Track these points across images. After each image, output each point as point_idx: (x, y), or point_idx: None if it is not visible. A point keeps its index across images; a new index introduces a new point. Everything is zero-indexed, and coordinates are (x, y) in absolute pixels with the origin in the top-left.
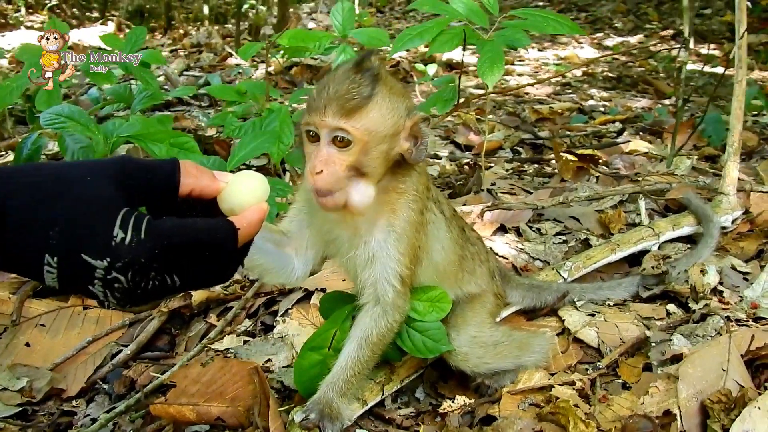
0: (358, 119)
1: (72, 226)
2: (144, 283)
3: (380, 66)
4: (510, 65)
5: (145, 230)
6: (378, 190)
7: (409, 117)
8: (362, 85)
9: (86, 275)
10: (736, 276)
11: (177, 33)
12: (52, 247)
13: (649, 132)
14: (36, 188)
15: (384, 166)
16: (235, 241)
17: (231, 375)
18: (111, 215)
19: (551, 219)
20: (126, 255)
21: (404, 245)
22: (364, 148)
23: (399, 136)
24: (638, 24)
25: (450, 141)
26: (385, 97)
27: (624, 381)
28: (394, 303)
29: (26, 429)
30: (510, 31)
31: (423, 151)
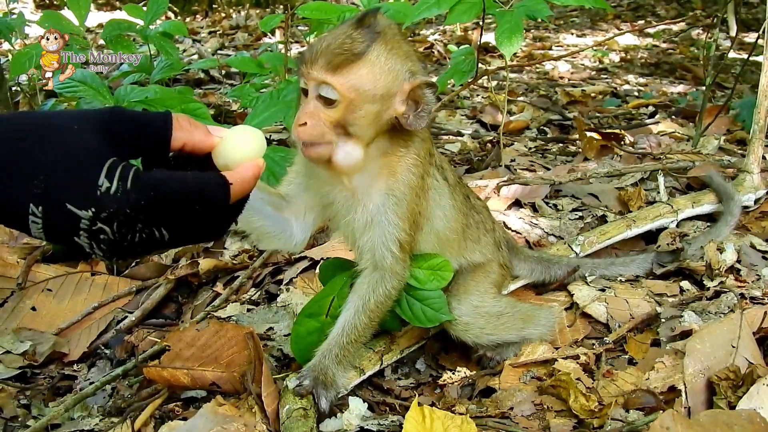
0: (345, 75)
1: (56, 175)
2: (130, 236)
3: (386, 25)
4: (548, 50)
5: (132, 180)
6: (376, 153)
7: (409, 80)
8: (356, 41)
9: (71, 226)
10: (755, 255)
11: (218, 16)
12: (37, 196)
13: (681, 116)
14: (21, 136)
15: (374, 127)
16: (226, 196)
17: (226, 340)
18: (96, 164)
19: (569, 195)
20: (111, 205)
21: (403, 209)
22: (350, 105)
23: (394, 99)
24: (681, 12)
25: (476, 120)
26: (381, 55)
27: (631, 357)
28: (392, 269)
29: (24, 391)
30: (530, 2)
31: (423, 119)
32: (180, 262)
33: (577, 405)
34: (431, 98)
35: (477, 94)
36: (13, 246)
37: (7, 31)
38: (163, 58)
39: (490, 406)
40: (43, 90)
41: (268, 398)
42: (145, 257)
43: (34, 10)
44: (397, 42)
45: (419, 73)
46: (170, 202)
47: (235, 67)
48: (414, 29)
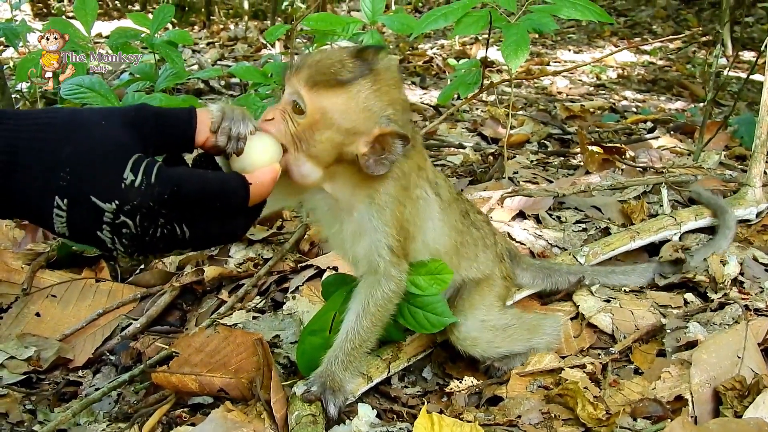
0: (319, 95)
1: (82, 168)
2: (152, 230)
3: (385, 65)
4: (545, 65)
5: (156, 174)
6: (352, 171)
7: (381, 125)
8: (345, 69)
9: (95, 219)
10: (757, 267)
11: (216, 27)
12: (62, 188)
13: (680, 132)
14: (48, 129)
15: (332, 156)
16: (246, 195)
17: (235, 346)
18: (122, 158)
19: (572, 208)
20: (135, 198)
21: (388, 216)
22: (314, 125)
23: (359, 138)
24: (677, 30)
25: (477, 133)
26: (363, 92)
27: (636, 367)
28: (387, 272)
29: (30, 396)
30: (536, 16)
31: (383, 167)
32: (185, 270)
33: (584, 413)
34: (399, 150)
35: (476, 108)
36: (18, 251)
37: (13, 37)
38: (167, 66)
39: (498, 415)
40: (44, 98)
41: (277, 404)
42: (158, 258)
43: (33, 19)
44: (387, 85)
45: (397, 122)
46: (191, 198)
47: (240, 77)
48: (413, 43)
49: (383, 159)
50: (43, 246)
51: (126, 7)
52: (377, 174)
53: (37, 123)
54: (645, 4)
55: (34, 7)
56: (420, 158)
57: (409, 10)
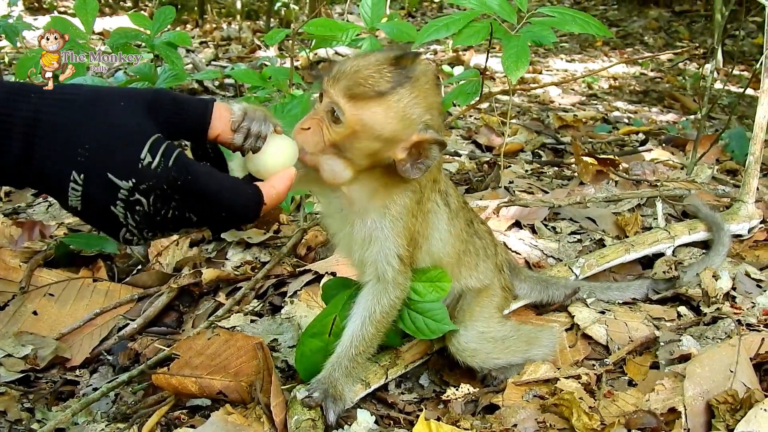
0: (359, 107)
1: (101, 146)
2: (164, 210)
3: (422, 71)
4: (538, 74)
5: (174, 159)
6: (374, 176)
7: (419, 132)
8: (384, 79)
9: (110, 195)
10: (749, 283)
11: (209, 27)
12: (80, 164)
13: (672, 144)
14: (70, 105)
15: (368, 161)
16: (257, 212)
17: (235, 349)
18: (140, 139)
19: (567, 218)
20: (151, 178)
21: (400, 228)
22: (353, 134)
23: (397, 144)
24: (669, 41)
25: (471, 141)
26: (402, 100)
27: (630, 378)
28: (395, 280)
29: (28, 395)
30: (537, 28)
31: (420, 171)
32: (182, 271)
33: (579, 424)
34: (435, 155)
35: (470, 115)
36: (15, 249)
37: (13, 34)
38: (166, 67)
39: (494, 423)
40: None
41: (277, 408)
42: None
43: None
44: (424, 91)
45: (434, 128)
46: (203, 195)
47: (239, 80)
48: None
49: (419, 164)
50: (40, 244)
51: (118, 4)
52: (413, 177)
53: (61, 99)
54: (637, 15)
55: (27, 1)
56: (436, 171)
57: (403, 14)
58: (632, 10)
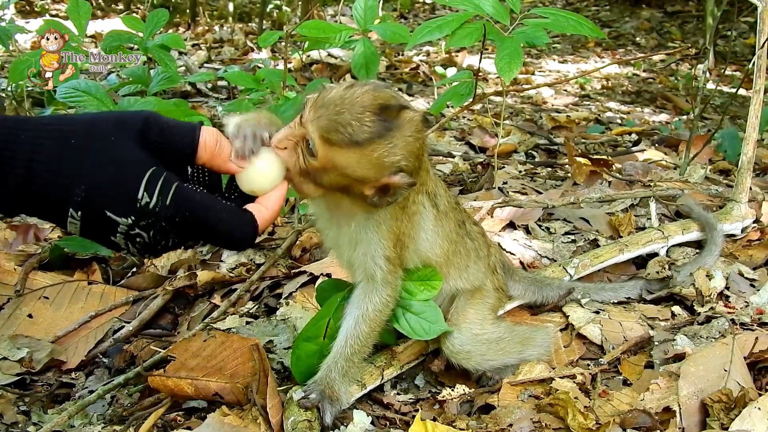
0: (333, 150)
1: (97, 185)
2: (164, 241)
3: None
4: (530, 75)
5: (172, 197)
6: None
7: (390, 176)
8: (363, 129)
9: (108, 229)
10: (743, 282)
11: (201, 29)
12: (77, 203)
13: (665, 144)
14: (64, 142)
15: (337, 189)
16: (254, 236)
17: (231, 351)
18: (136, 175)
19: (561, 219)
20: (150, 216)
21: (384, 231)
22: (323, 169)
23: (367, 183)
24: (661, 42)
25: (465, 142)
26: (378, 150)
27: (625, 378)
28: (384, 280)
29: (23, 398)
30: (530, 29)
31: (387, 203)
32: (177, 273)
33: (575, 423)
34: (403, 192)
35: (463, 116)
36: (10, 252)
37: (5, 37)
38: (160, 69)
39: (490, 423)
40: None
41: (273, 410)
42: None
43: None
44: (404, 140)
45: (407, 171)
46: (201, 226)
47: (233, 82)
48: (398, 50)
49: (388, 199)
50: (35, 247)
51: (110, 7)
52: (379, 207)
53: (56, 138)
54: (629, 16)
55: (18, 5)
56: (423, 173)
57: (395, 16)
58: (624, 10)
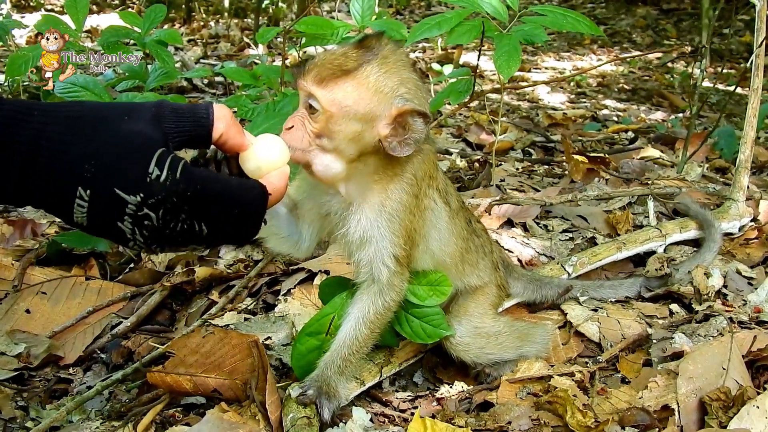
0: (330, 88)
1: (107, 161)
2: (173, 224)
3: (389, 48)
4: (527, 72)
5: (181, 171)
6: (368, 169)
7: (397, 105)
8: (350, 59)
9: (117, 210)
10: (740, 280)
11: (196, 24)
12: (87, 180)
13: (661, 142)
14: (75, 121)
15: (355, 146)
16: (264, 204)
17: (230, 347)
18: (147, 153)
19: (559, 216)
20: (160, 192)
21: (396, 225)
22: (331, 119)
23: (378, 121)
24: (656, 39)
25: (462, 139)
26: (372, 75)
27: (623, 376)
28: (390, 282)
29: (21, 393)
30: (528, 27)
31: (409, 147)
32: (175, 269)
33: (573, 421)
34: (420, 127)
35: (460, 114)
36: (7, 248)
37: (3, 32)
38: (157, 65)
39: (489, 420)
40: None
41: (272, 406)
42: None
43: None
44: (395, 67)
45: (413, 100)
46: (212, 199)
47: (230, 78)
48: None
49: (407, 139)
50: (32, 242)
51: (105, 2)
52: (404, 155)
53: (66, 116)
54: (625, 13)
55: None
56: (432, 167)
57: (391, 12)
58: (620, 8)
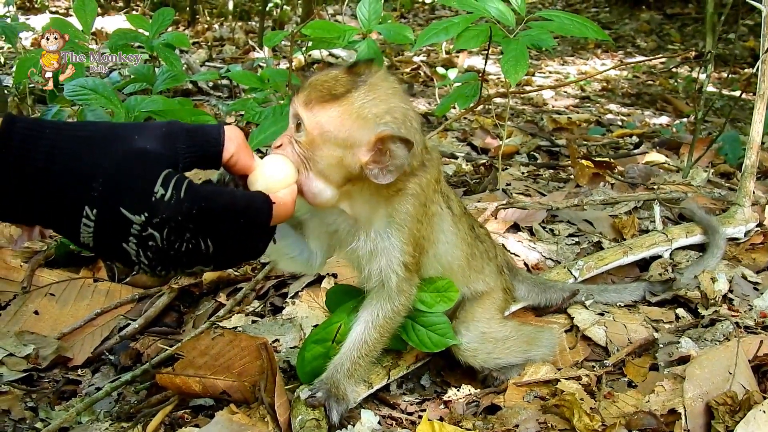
0: (315, 112)
1: (114, 180)
2: (178, 244)
3: (379, 76)
4: (531, 76)
5: (185, 189)
6: (369, 191)
7: (376, 131)
8: (339, 84)
9: (122, 231)
10: (746, 285)
11: (200, 27)
12: (93, 199)
13: (666, 147)
14: (85, 141)
15: (338, 172)
16: (270, 214)
17: (239, 349)
18: (154, 172)
19: (565, 221)
20: (164, 211)
21: (405, 235)
22: (314, 142)
23: (357, 147)
24: (660, 44)
25: (467, 143)
26: (357, 101)
27: (630, 380)
28: (399, 287)
29: (31, 394)
30: (535, 32)
31: (391, 173)
32: None
33: (581, 425)
34: (402, 153)
35: (465, 118)
36: (16, 249)
37: (12, 34)
38: (165, 68)
39: (496, 424)
40: (33, 94)
41: (281, 408)
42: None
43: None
44: (383, 94)
45: (398, 128)
46: (219, 213)
47: (237, 81)
48: (398, 50)
49: (388, 166)
50: (40, 244)
51: (110, 4)
52: (385, 182)
53: (77, 136)
54: (629, 18)
55: (18, 1)
56: (437, 172)
57: (396, 16)
58: (624, 12)
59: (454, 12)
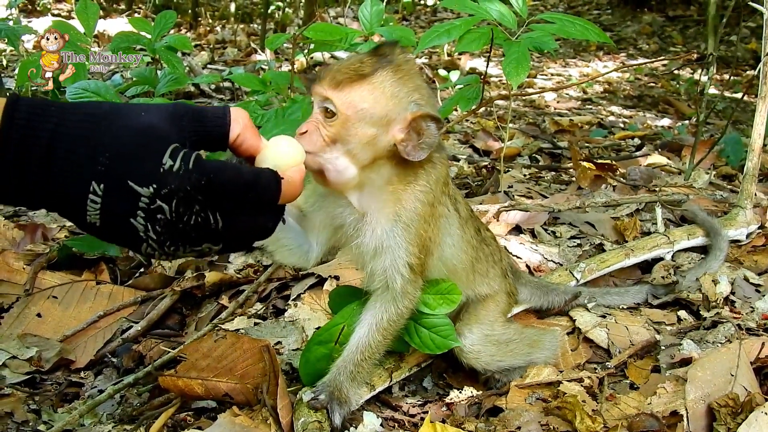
0: (346, 92)
1: (121, 153)
2: (187, 217)
3: (402, 57)
4: (532, 78)
5: (194, 162)
6: (382, 177)
7: (411, 110)
8: (365, 65)
9: (130, 205)
10: (748, 287)
11: (203, 29)
12: (100, 173)
13: (668, 149)
14: (91, 119)
15: (370, 150)
16: (278, 190)
17: (242, 352)
18: (161, 145)
19: (567, 223)
20: (172, 182)
21: (412, 235)
22: (347, 122)
23: (393, 125)
24: (662, 46)
25: (469, 145)
26: (387, 80)
27: (632, 382)
28: (404, 290)
29: (33, 396)
30: (537, 34)
31: (423, 151)
32: (185, 274)
33: (583, 427)
34: (434, 132)
35: (467, 120)
36: (18, 252)
37: (14, 37)
38: (167, 70)
39: (498, 425)
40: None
41: (283, 410)
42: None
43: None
44: (408, 74)
45: (427, 106)
46: (226, 187)
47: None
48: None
49: (421, 144)
50: (42, 247)
51: (112, 7)
52: (418, 159)
53: (83, 113)
54: (631, 20)
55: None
56: (445, 173)
57: (398, 18)
58: (626, 14)
59: (456, 14)
